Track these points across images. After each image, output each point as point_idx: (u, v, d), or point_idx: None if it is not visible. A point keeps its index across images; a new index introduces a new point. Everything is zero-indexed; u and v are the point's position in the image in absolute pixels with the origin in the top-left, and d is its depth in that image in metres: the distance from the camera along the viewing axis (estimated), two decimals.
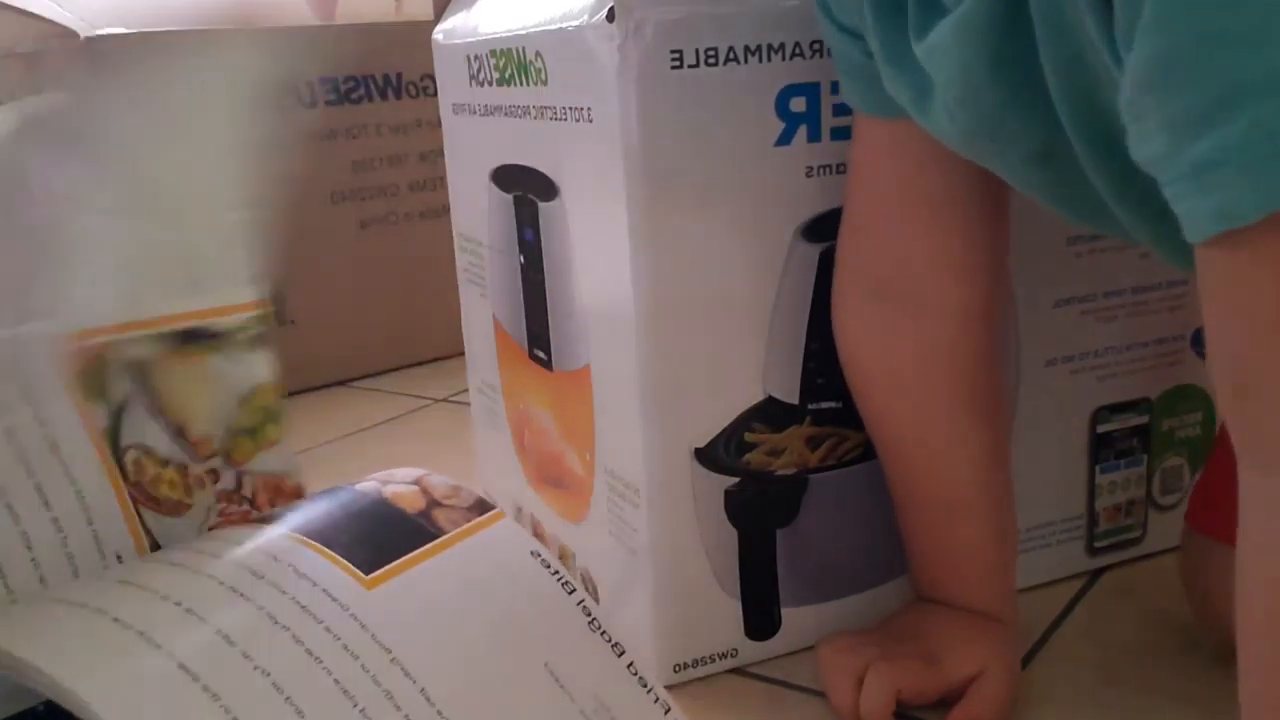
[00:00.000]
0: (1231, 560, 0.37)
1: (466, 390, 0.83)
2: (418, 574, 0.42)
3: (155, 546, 0.48)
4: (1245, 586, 0.37)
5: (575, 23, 0.55)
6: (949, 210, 0.54)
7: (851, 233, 0.56)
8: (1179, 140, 0.33)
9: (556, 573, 0.44)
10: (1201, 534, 0.56)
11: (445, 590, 0.42)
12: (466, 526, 0.44)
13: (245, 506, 0.51)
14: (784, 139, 0.55)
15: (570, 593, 0.44)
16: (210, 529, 0.50)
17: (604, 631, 0.44)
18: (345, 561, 0.41)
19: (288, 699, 0.36)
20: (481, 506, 0.45)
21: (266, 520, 0.45)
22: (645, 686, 0.44)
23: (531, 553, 0.44)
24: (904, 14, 0.46)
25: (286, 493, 0.52)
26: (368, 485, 0.46)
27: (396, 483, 0.46)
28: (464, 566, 0.43)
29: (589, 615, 0.44)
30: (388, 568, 0.41)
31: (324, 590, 0.39)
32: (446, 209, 0.79)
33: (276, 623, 0.38)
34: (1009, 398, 0.61)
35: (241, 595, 0.39)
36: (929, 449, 0.57)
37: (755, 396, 0.58)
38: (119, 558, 0.47)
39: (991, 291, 0.56)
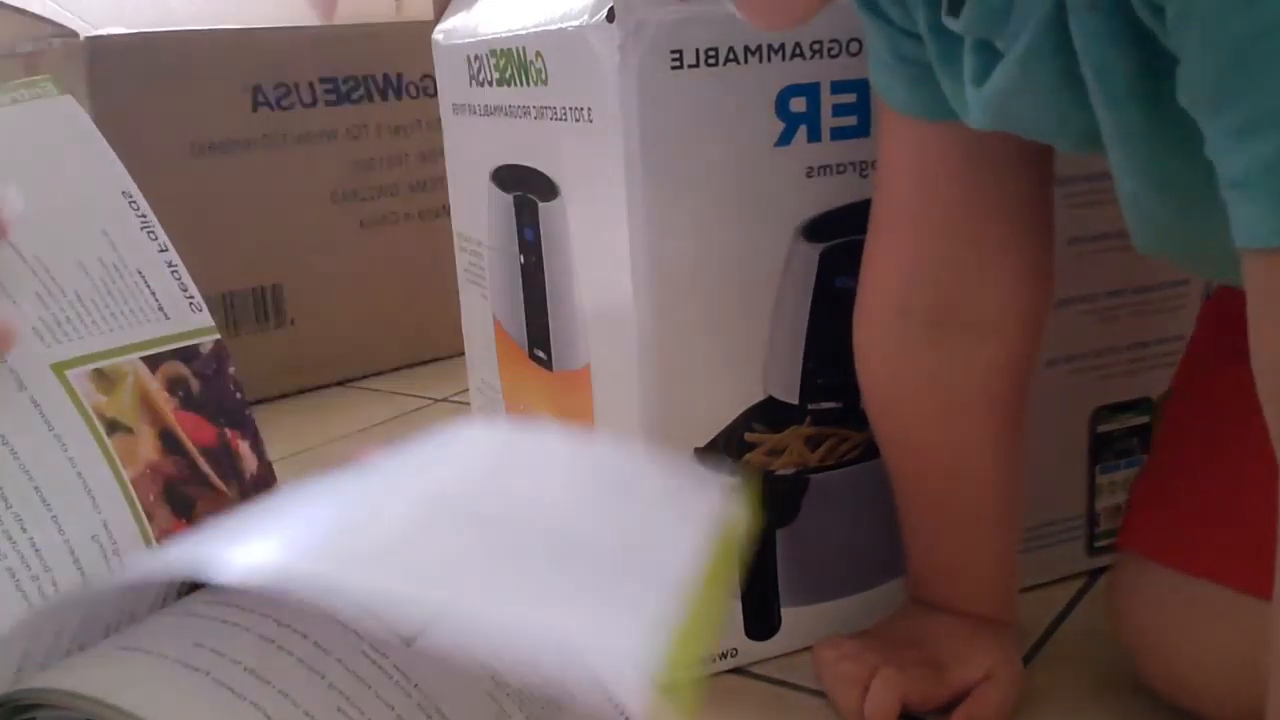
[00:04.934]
0: (1179, 587, 0.35)
1: (466, 390, 0.83)
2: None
3: None
4: None
5: (575, 23, 0.55)
6: (1009, 219, 0.52)
7: (887, 257, 0.54)
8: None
9: None
10: (1147, 558, 0.51)
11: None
12: None
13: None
14: (784, 139, 0.55)
15: None
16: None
17: None
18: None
19: None
20: None
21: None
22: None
23: None
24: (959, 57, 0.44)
25: None
26: None
27: None
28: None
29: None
30: None
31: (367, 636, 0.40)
32: (446, 209, 0.79)
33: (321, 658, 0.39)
34: None
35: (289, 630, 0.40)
36: (961, 468, 0.56)
37: (755, 396, 0.58)
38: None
39: (1049, 298, 0.55)
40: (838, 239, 0.57)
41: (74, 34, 1.02)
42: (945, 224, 0.53)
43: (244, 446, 0.54)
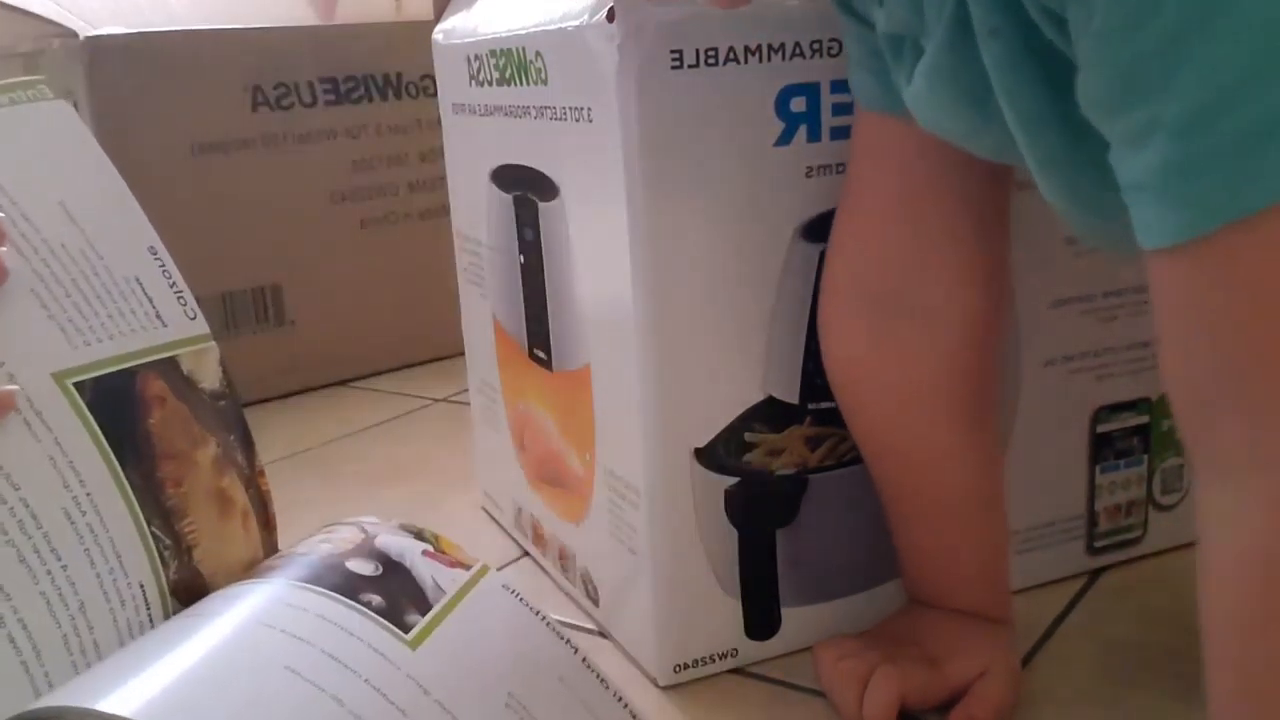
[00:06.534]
0: None
1: (466, 390, 0.83)
2: (445, 632, 0.43)
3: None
4: (1209, 600, 0.36)
5: (575, 23, 0.55)
6: (961, 212, 0.53)
7: (848, 240, 0.55)
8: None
9: (545, 619, 0.46)
10: None
11: (471, 646, 0.44)
12: (465, 583, 0.46)
13: None
14: (784, 139, 0.55)
15: (560, 637, 0.46)
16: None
17: (592, 668, 0.46)
18: (386, 623, 0.42)
19: None
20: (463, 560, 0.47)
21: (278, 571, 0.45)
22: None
23: (521, 601, 0.47)
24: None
25: None
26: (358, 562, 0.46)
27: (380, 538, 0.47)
28: (477, 622, 0.45)
29: (577, 653, 0.46)
30: (419, 628, 0.43)
31: (376, 651, 0.41)
32: (446, 209, 0.79)
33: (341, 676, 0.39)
34: (1003, 401, 0.61)
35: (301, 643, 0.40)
36: (927, 460, 0.56)
37: (755, 396, 0.58)
38: (142, 587, 0.47)
39: (1002, 295, 0.55)
40: None
41: (74, 34, 1.02)
42: (896, 212, 0.53)
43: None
